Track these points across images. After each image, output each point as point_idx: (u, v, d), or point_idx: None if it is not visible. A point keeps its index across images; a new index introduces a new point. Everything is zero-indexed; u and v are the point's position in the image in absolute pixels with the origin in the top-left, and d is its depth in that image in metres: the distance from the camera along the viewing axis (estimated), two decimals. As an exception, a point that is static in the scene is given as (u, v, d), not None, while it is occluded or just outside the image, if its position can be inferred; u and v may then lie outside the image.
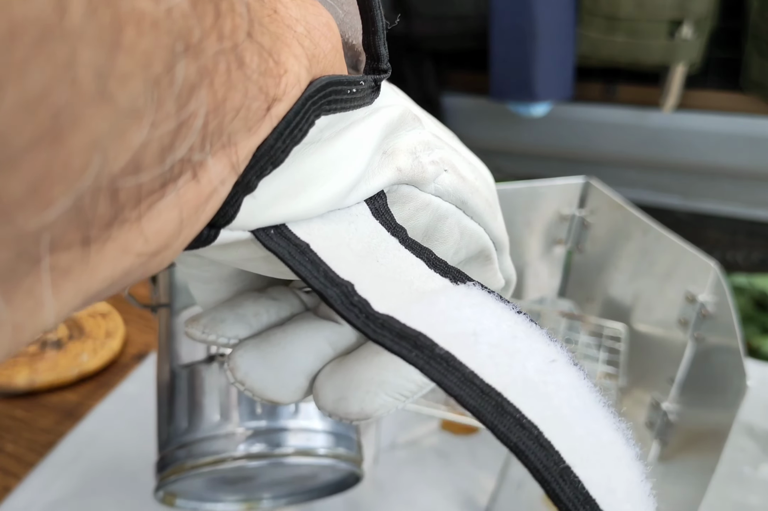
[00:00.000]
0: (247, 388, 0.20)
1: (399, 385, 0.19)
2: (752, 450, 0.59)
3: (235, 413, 0.30)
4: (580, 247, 0.62)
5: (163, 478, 0.30)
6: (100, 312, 0.70)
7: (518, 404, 0.14)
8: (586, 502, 0.14)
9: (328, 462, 0.30)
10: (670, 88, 1.40)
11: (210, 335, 0.21)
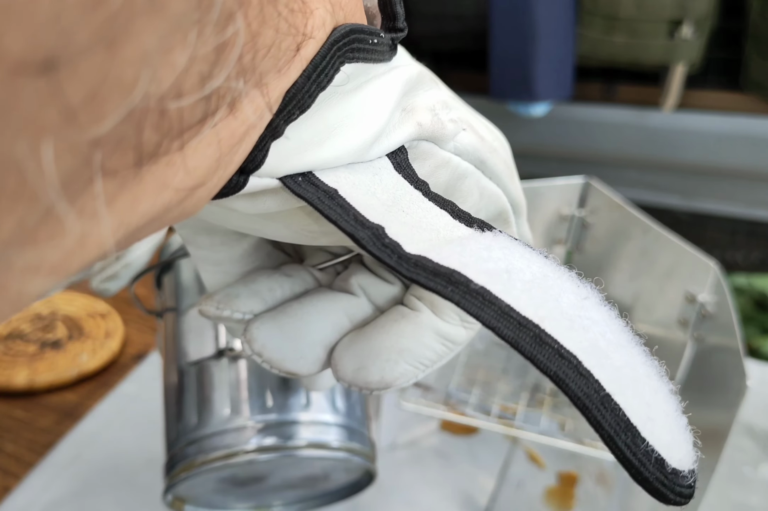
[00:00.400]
0: (265, 359, 0.20)
1: (419, 353, 0.19)
2: (752, 450, 0.59)
3: (246, 406, 0.29)
4: (580, 247, 0.62)
5: (173, 477, 0.30)
6: (100, 312, 0.70)
7: (555, 335, 0.14)
8: (627, 429, 0.14)
9: (342, 455, 0.30)
10: (670, 88, 1.40)
11: (224, 311, 0.21)
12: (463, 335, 0.21)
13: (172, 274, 0.35)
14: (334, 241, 0.19)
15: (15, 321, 0.68)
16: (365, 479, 0.34)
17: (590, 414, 0.14)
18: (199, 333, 0.32)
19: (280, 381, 0.30)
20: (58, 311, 0.70)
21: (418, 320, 0.20)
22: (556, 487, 0.55)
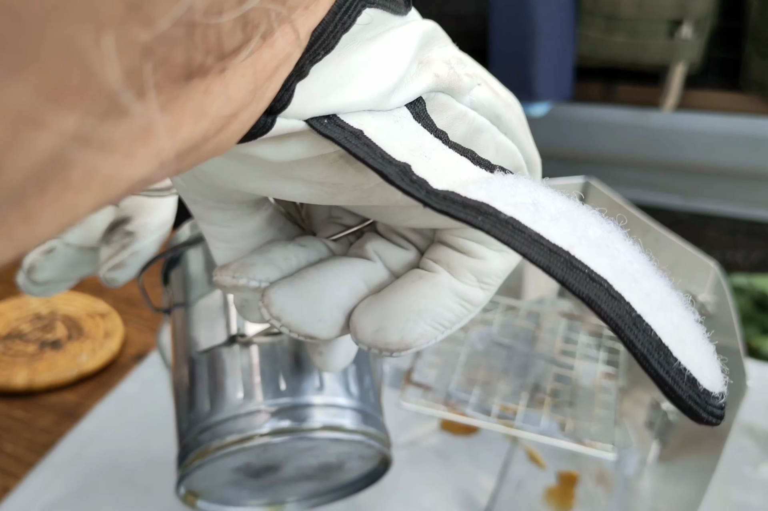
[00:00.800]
0: (284, 324, 0.20)
1: (438, 313, 0.20)
2: (752, 450, 0.59)
3: (259, 391, 0.29)
4: (580, 247, 0.61)
5: (186, 466, 0.29)
6: (99, 312, 0.70)
7: (585, 261, 0.14)
8: (659, 348, 0.14)
9: (357, 438, 0.29)
10: (670, 88, 1.40)
11: (240, 279, 0.21)
12: (480, 297, 0.21)
13: (180, 268, 0.35)
14: (351, 199, 0.19)
15: (15, 321, 0.68)
16: (381, 468, 0.34)
17: (623, 334, 0.14)
18: (209, 322, 0.32)
19: (293, 365, 0.30)
20: (57, 310, 0.70)
21: (436, 281, 0.20)
22: (556, 487, 0.55)
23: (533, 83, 1.43)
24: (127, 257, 0.33)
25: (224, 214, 0.22)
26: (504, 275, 0.21)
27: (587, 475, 0.56)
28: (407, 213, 0.20)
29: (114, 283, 0.33)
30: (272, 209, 0.23)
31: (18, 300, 0.71)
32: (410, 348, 0.19)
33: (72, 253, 0.33)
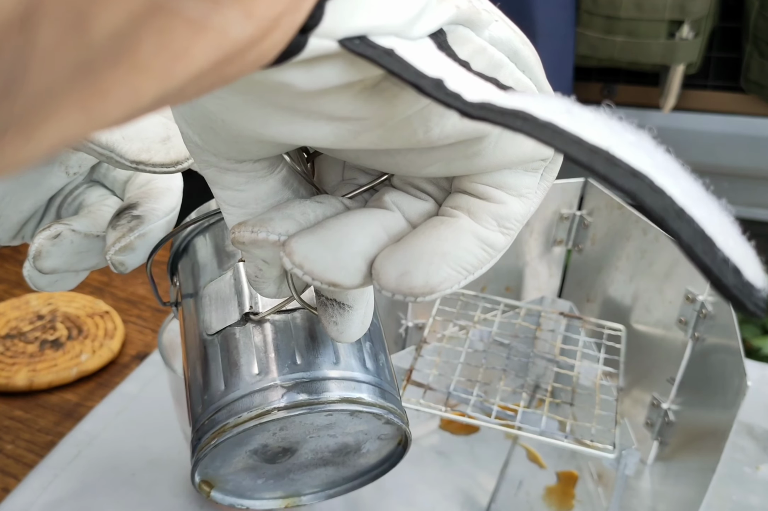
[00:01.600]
0: (307, 271, 0.20)
1: (460, 257, 0.20)
2: (752, 450, 0.59)
3: (274, 366, 0.29)
4: (580, 247, 0.62)
5: (202, 448, 0.28)
6: (99, 312, 0.70)
7: (626, 159, 0.15)
8: (703, 239, 0.15)
9: (376, 411, 0.28)
10: (669, 89, 1.40)
11: (260, 233, 0.21)
12: (502, 241, 0.21)
13: (187, 258, 0.34)
14: (373, 140, 0.19)
15: (15, 321, 0.68)
16: (399, 451, 0.33)
17: (668, 225, 0.15)
18: (220, 304, 0.31)
19: (307, 340, 0.29)
20: (57, 310, 0.70)
21: (458, 225, 0.20)
22: (556, 486, 0.55)
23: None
24: (134, 239, 0.32)
25: (238, 177, 0.22)
26: (524, 219, 0.21)
27: (587, 475, 0.56)
28: (426, 158, 0.20)
29: (122, 267, 0.33)
30: (286, 171, 0.23)
31: (18, 300, 0.71)
32: (434, 292, 0.19)
33: (79, 241, 0.33)
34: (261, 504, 0.34)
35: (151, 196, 0.34)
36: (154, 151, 0.29)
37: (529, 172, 0.21)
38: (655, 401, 0.54)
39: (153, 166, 0.29)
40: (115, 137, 0.28)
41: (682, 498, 0.49)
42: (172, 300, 0.35)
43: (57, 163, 0.34)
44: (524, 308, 0.59)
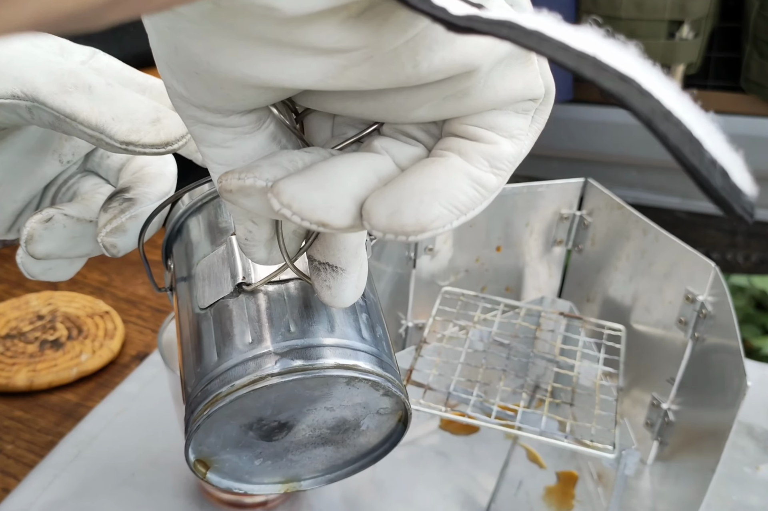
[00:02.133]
0: (295, 211, 0.19)
1: (452, 195, 0.19)
2: (752, 450, 0.59)
3: (268, 334, 0.28)
4: (580, 247, 0.62)
5: (195, 419, 0.27)
6: (99, 312, 0.70)
7: (613, 64, 0.15)
8: (691, 140, 0.15)
9: (374, 378, 0.28)
10: (669, 89, 1.40)
11: (247, 179, 0.21)
12: (494, 182, 0.21)
13: (181, 239, 0.34)
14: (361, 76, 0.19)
15: (15, 321, 0.68)
16: (399, 428, 0.32)
17: (655, 126, 0.15)
18: (213, 278, 0.31)
19: (301, 309, 0.29)
20: (57, 310, 0.70)
21: (449, 163, 0.20)
22: (555, 486, 0.55)
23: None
24: (126, 221, 0.32)
25: (225, 133, 0.22)
26: (515, 161, 0.21)
27: (587, 475, 0.56)
28: (414, 99, 0.20)
29: (113, 250, 0.32)
30: (273, 127, 0.23)
31: (18, 300, 0.71)
32: (426, 231, 0.19)
33: (71, 225, 0.32)
34: (260, 489, 0.33)
35: (144, 181, 0.34)
36: (143, 132, 0.29)
37: (520, 113, 0.21)
38: (654, 401, 0.54)
39: (143, 146, 0.29)
40: (105, 118, 0.28)
41: (682, 498, 0.49)
42: (167, 285, 0.35)
43: (50, 151, 0.34)
44: (524, 308, 0.59)
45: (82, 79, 0.28)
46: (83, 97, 0.28)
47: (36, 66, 0.28)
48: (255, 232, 0.25)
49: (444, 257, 0.58)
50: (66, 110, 0.28)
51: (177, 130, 0.29)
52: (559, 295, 0.66)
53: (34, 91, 0.28)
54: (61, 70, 0.28)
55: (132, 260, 0.82)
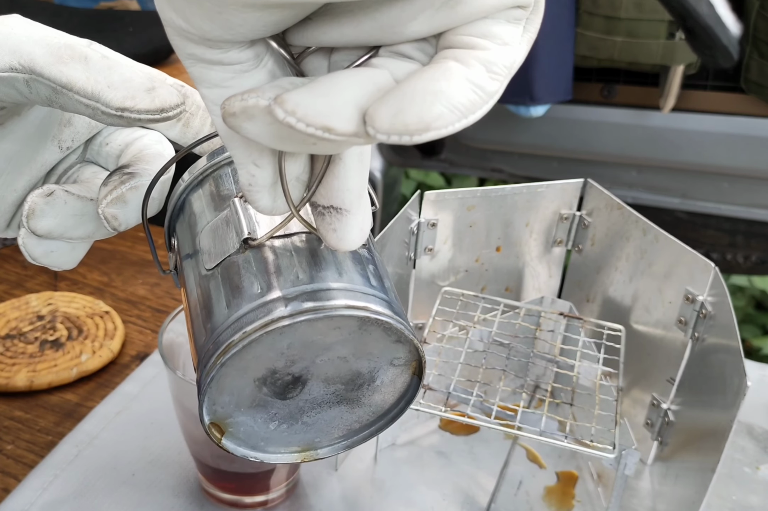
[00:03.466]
0: (300, 117, 0.20)
1: (452, 96, 0.20)
2: (752, 450, 0.59)
3: (276, 282, 0.28)
4: (579, 247, 0.62)
5: (208, 373, 0.27)
6: (99, 312, 0.70)
7: None
8: None
9: (385, 319, 0.28)
10: (669, 89, 1.40)
11: (250, 99, 0.21)
12: (492, 86, 0.21)
13: (184, 216, 0.34)
14: None
15: (15, 321, 0.68)
16: (415, 381, 0.31)
17: None
18: (218, 239, 0.31)
19: (309, 258, 0.29)
20: (58, 311, 0.70)
21: (447, 66, 0.21)
22: (555, 486, 0.55)
23: (533, 87, 1.43)
24: (126, 191, 0.32)
25: (224, 72, 0.22)
26: (511, 67, 0.22)
27: (587, 475, 0.56)
28: (409, 11, 0.20)
29: (115, 222, 0.32)
30: (272, 64, 0.23)
31: (18, 300, 0.71)
32: (430, 129, 0.19)
33: (72, 202, 0.32)
34: (276, 458, 0.32)
35: (144, 160, 0.34)
36: (138, 98, 0.29)
37: (511, 22, 0.22)
38: (654, 401, 0.54)
39: (138, 112, 0.29)
40: (101, 86, 0.28)
41: (682, 498, 0.49)
42: (172, 266, 0.35)
43: (50, 137, 0.34)
44: (524, 308, 0.59)
45: (78, 51, 0.29)
46: (79, 66, 0.28)
47: (33, 40, 0.29)
48: (258, 175, 0.25)
49: (444, 257, 0.58)
50: (62, 80, 0.28)
51: (172, 99, 0.30)
52: (558, 295, 0.66)
53: (31, 62, 0.28)
54: (58, 43, 0.29)
55: (132, 260, 0.82)
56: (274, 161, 0.25)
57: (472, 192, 0.56)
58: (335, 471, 0.55)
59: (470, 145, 1.70)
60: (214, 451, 0.48)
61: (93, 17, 1.04)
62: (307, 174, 0.27)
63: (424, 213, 0.55)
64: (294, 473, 0.53)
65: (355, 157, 0.26)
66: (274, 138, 0.22)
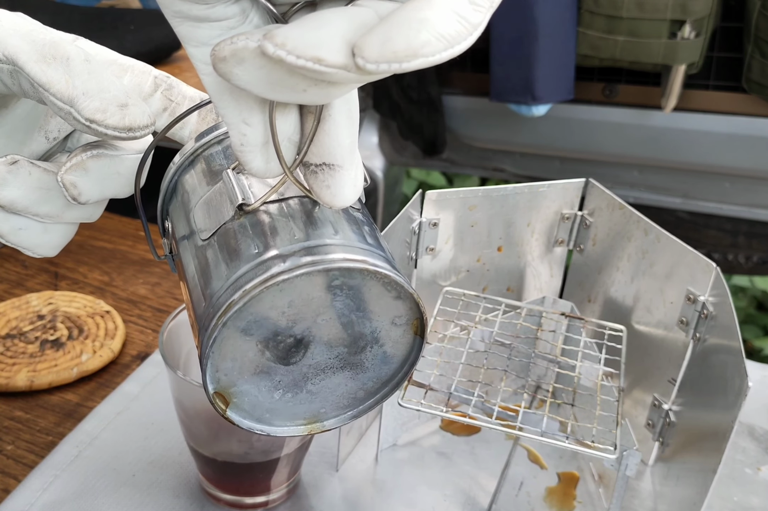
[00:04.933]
0: (290, 50, 0.20)
1: (438, 24, 0.20)
2: (753, 451, 0.59)
3: (273, 242, 0.28)
4: (581, 247, 0.61)
5: (210, 334, 0.27)
6: (100, 312, 0.70)
7: None
8: None
9: (384, 272, 0.28)
10: (671, 89, 1.40)
11: (239, 42, 0.21)
12: (476, 16, 0.22)
13: (176, 197, 0.34)
14: None
15: (15, 321, 0.68)
16: (417, 341, 0.31)
17: None
18: (212, 210, 0.31)
19: (304, 219, 0.29)
20: (58, 310, 0.70)
21: None
22: (556, 487, 0.55)
23: (534, 86, 1.42)
24: (87, 159, 0.31)
25: (211, 30, 0.23)
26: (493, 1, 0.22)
27: (588, 475, 0.56)
28: None
29: (74, 190, 0.31)
30: (258, 20, 0.24)
31: (18, 300, 0.71)
32: (417, 56, 0.20)
33: (38, 174, 0.32)
34: (282, 431, 0.32)
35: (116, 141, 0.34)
36: (109, 113, 0.29)
37: None
38: (656, 401, 0.54)
39: (106, 127, 0.28)
40: (77, 92, 0.28)
41: (683, 499, 0.49)
42: (167, 251, 0.35)
43: (37, 128, 0.34)
44: (525, 308, 0.59)
45: (62, 51, 0.29)
46: (60, 68, 0.28)
47: (20, 34, 0.29)
48: (249, 135, 0.25)
49: (445, 257, 0.58)
50: (42, 79, 0.28)
51: (143, 119, 0.29)
52: (560, 295, 0.66)
53: (15, 55, 0.28)
54: (43, 40, 0.29)
55: (133, 260, 0.82)
56: (264, 119, 0.26)
57: (474, 192, 0.56)
58: (336, 472, 0.55)
59: (472, 144, 1.70)
60: (215, 451, 0.48)
61: (94, 15, 1.04)
62: (298, 135, 0.27)
63: (425, 213, 0.54)
64: (295, 474, 0.53)
65: (344, 114, 0.27)
66: (265, 84, 0.22)
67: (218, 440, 0.47)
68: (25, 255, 0.83)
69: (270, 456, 0.48)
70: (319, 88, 0.22)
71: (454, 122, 1.65)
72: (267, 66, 0.21)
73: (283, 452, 0.48)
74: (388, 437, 0.58)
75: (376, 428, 0.57)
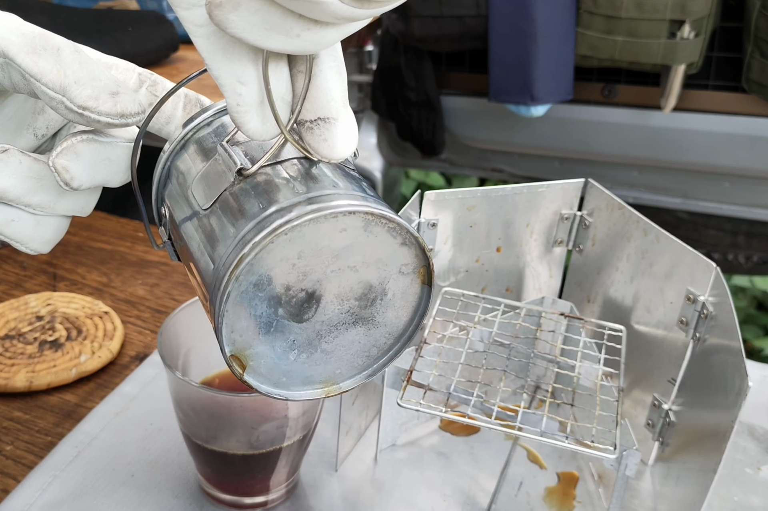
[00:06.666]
0: None
1: None
2: (753, 451, 0.59)
3: (277, 197, 0.28)
4: (580, 247, 0.61)
5: (224, 291, 0.27)
6: (98, 313, 0.70)
7: None
8: None
9: (388, 215, 0.28)
10: (670, 89, 1.40)
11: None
12: None
13: (171, 180, 0.34)
14: None
15: (14, 321, 0.68)
16: (426, 291, 0.31)
17: None
18: (211, 180, 0.31)
19: (304, 175, 0.29)
20: (57, 311, 0.70)
21: None
22: (556, 487, 0.55)
23: (533, 86, 1.42)
24: (78, 143, 0.31)
25: None
26: None
27: (588, 475, 0.56)
28: None
29: (66, 174, 0.31)
30: None
31: (17, 301, 0.71)
32: None
33: (28, 163, 0.31)
34: (300, 395, 0.32)
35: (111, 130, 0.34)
36: (101, 100, 0.29)
37: None
38: (656, 401, 0.54)
39: (98, 114, 0.29)
40: (68, 81, 0.28)
41: (683, 499, 0.49)
42: (165, 239, 0.35)
43: (25, 126, 0.34)
44: (525, 308, 0.59)
45: (52, 42, 0.29)
46: (51, 58, 0.28)
47: (8, 29, 0.29)
48: (244, 94, 0.26)
49: (444, 258, 0.58)
50: (33, 69, 0.28)
51: (133, 107, 0.30)
52: (559, 295, 0.66)
53: (6, 48, 0.28)
54: (33, 33, 0.29)
55: (131, 261, 0.82)
56: (258, 76, 0.26)
57: (473, 192, 0.56)
58: (335, 472, 0.55)
59: (470, 145, 1.70)
60: (215, 450, 0.48)
61: (92, 17, 1.04)
62: (290, 94, 0.28)
63: (424, 213, 0.54)
64: (294, 474, 0.52)
65: (333, 69, 0.28)
66: (259, 30, 0.22)
67: (217, 440, 0.47)
68: (24, 256, 0.83)
69: (270, 456, 0.48)
70: (312, 32, 0.23)
71: (452, 123, 1.65)
72: (262, 9, 0.22)
73: (282, 452, 0.48)
74: (387, 437, 0.58)
75: (375, 428, 0.57)
